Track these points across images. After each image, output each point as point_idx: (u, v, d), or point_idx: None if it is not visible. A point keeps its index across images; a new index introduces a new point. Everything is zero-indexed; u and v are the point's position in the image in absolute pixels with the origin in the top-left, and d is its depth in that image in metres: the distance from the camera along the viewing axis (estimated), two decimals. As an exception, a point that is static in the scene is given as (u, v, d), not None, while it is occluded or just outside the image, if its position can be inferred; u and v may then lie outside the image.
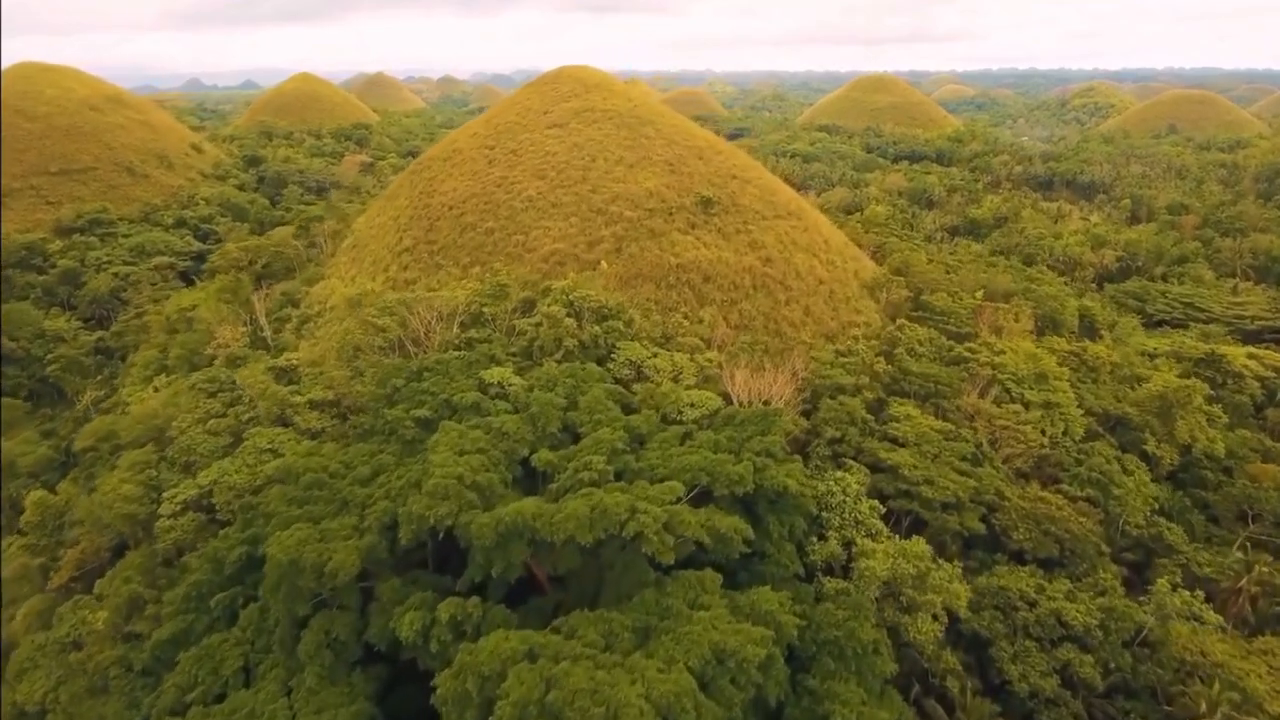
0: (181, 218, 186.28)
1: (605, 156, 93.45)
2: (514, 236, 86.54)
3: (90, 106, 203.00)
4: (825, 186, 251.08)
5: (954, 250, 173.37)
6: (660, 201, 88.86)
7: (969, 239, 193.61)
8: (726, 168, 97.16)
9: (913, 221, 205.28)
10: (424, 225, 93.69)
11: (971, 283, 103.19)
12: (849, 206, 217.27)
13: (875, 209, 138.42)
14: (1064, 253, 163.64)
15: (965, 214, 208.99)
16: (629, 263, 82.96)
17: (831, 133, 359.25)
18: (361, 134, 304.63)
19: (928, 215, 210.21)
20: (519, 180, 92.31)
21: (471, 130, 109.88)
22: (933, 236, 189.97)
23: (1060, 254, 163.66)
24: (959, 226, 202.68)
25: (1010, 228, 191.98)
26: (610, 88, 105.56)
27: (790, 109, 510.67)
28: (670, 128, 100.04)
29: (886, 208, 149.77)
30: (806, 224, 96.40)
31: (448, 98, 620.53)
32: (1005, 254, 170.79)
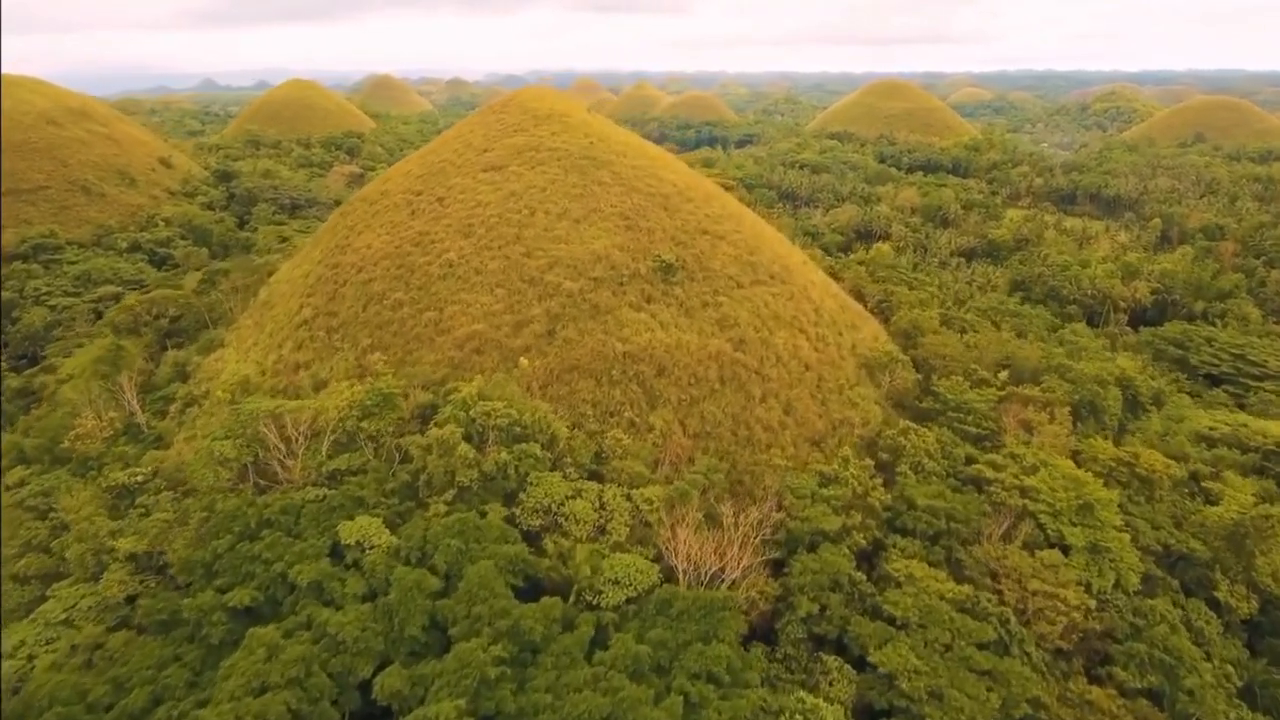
0: (136, 241, 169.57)
1: (547, 209, 75.05)
2: (425, 314, 68.34)
3: (48, 120, 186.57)
4: (833, 202, 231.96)
5: (970, 279, 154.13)
6: (609, 268, 70.35)
7: (987, 262, 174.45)
8: (697, 220, 78.37)
9: (926, 243, 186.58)
10: (328, 291, 75.72)
11: (993, 354, 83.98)
12: (858, 227, 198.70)
13: (881, 249, 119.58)
14: (1093, 285, 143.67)
15: (983, 234, 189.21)
16: (563, 351, 64.63)
17: (843, 141, 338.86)
18: (353, 143, 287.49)
19: (942, 235, 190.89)
20: (440, 238, 74.11)
21: (405, 168, 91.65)
22: (947, 263, 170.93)
23: (1089, 286, 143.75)
24: (976, 248, 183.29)
25: (1032, 252, 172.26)
26: (565, 119, 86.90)
27: (802, 113, 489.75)
28: (632, 169, 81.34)
29: (892, 248, 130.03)
30: (793, 288, 77.52)
31: (456, 100, 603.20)
32: (1028, 286, 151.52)
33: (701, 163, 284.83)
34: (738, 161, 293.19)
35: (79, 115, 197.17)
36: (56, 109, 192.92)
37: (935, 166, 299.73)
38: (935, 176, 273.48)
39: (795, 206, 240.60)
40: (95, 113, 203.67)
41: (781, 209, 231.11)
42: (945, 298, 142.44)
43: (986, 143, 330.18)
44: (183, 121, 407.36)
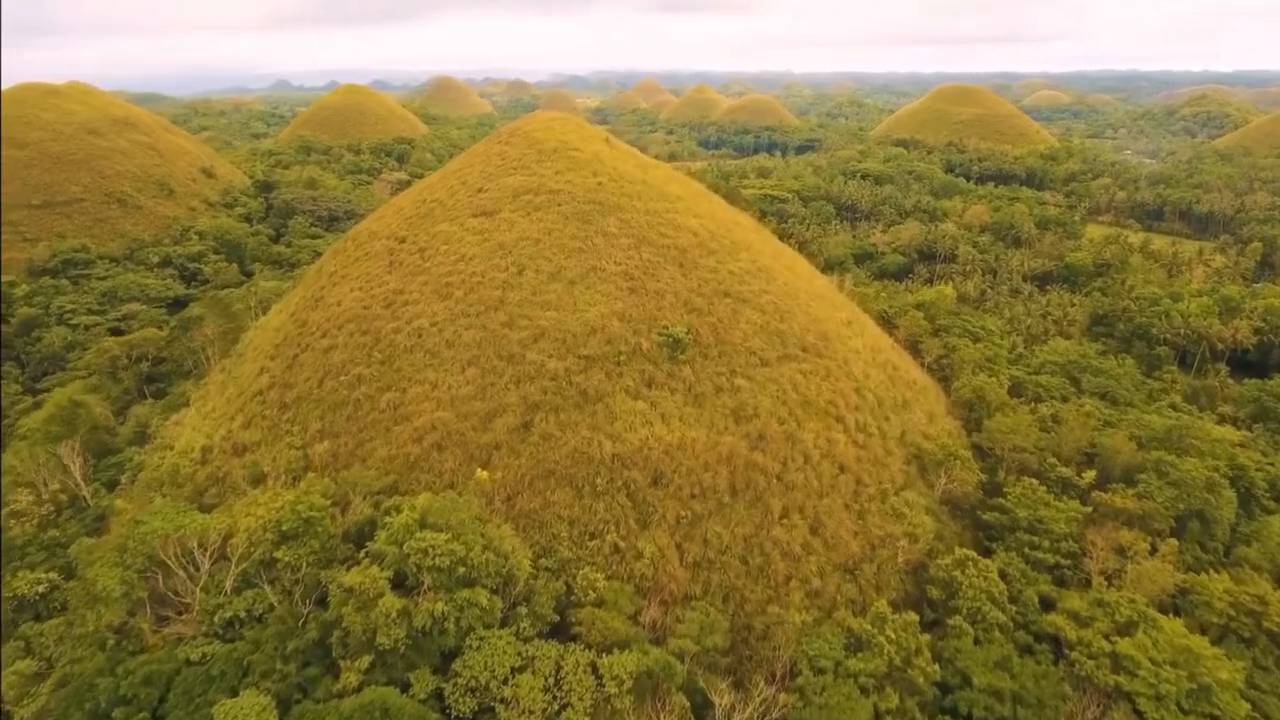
0: (168, 255, 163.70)
1: (538, 266, 62.83)
2: (385, 394, 56.95)
3: (90, 130, 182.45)
4: (895, 217, 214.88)
5: (1045, 311, 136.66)
6: (604, 342, 57.81)
7: (1064, 287, 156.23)
8: (718, 278, 65.12)
9: (996, 266, 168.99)
10: (289, 355, 65.00)
11: (1075, 440, 68.67)
12: (921, 247, 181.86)
13: (943, 291, 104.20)
14: (1185, 323, 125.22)
15: (1060, 255, 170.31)
16: (539, 450, 52.44)
17: (909, 148, 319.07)
18: (403, 149, 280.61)
19: (1014, 256, 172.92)
20: (414, 299, 62.60)
21: (399, 204, 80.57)
22: (1019, 290, 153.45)
23: (1181, 325, 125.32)
24: (1052, 272, 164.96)
25: (1115, 280, 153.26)
26: (573, 154, 74.27)
27: (868, 116, 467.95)
28: (645, 216, 68.45)
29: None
30: (831, 362, 63.74)
31: (516, 101, 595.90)
32: (1110, 322, 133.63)
33: (757, 172, 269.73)
34: (795, 170, 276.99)
35: (123, 125, 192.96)
36: (100, 119, 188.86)
37: (1007, 177, 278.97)
38: (1007, 188, 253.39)
39: (854, 220, 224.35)
40: (140, 122, 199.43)
41: (838, 225, 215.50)
42: (1016, 337, 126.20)
43: (1064, 151, 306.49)
44: (248, 124, 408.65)
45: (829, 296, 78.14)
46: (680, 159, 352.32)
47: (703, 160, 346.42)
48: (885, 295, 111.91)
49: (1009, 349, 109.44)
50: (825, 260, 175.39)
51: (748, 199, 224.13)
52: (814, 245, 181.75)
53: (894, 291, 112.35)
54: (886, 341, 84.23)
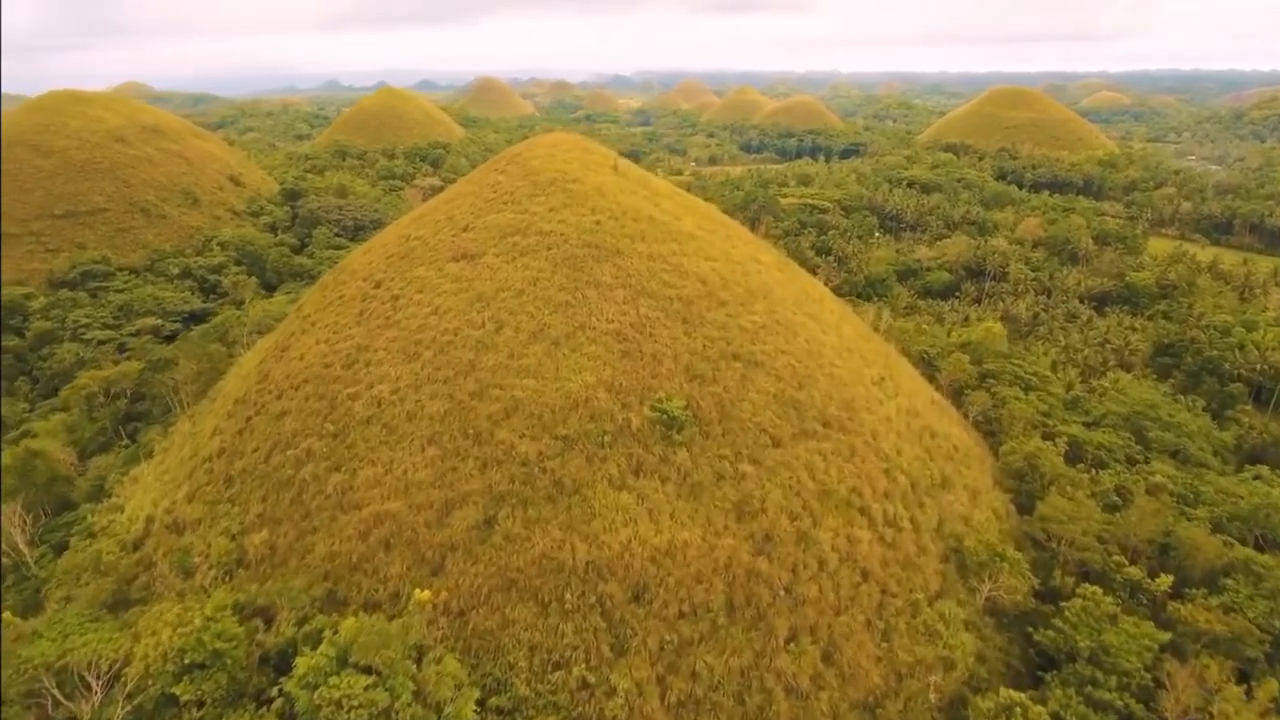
0: (188, 267, 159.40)
1: (519, 323, 54.34)
2: (334, 475, 48.99)
3: (117, 138, 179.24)
4: (942, 231, 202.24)
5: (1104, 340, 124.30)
6: (588, 419, 49.10)
7: (1124, 310, 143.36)
8: (728, 336, 55.90)
9: (1050, 285, 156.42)
10: (244, 416, 57.59)
11: (1147, 529, 57.86)
12: (969, 263, 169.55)
13: (992, 330, 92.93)
14: (1262, 358, 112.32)
15: (1120, 274, 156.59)
16: (500, 555, 43.96)
17: (959, 154, 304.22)
18: (437, 154, 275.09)
19: (1070, 275, 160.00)
20: (379, 358, 54.67)
21: (384, 239, 72.74)
22: (1076, 314, 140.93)
23: (1256, 359, 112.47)
24: (1110, 293, 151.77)
25: (1180, 304, 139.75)
26: (571, 187, 65.19)
27: (916, 119, 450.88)
28: (647, 261, 59.44)
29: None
30: (857, 438, 54.16)
31: (559, 102, 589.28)
32: (1176, 353, 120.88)
33: (797, 179, 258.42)
34: (838, 177, 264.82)
35: (151, 132, 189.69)
36: (128, 126, 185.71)
37: (1063, 185, 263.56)
38: (1062, 197, 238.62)
39: (898, 231, 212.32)
40: (169, 129, 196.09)
41: (881, 237, 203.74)
42: (1072, 370, 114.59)
43: (1124, 158, 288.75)
44: (293, 125, 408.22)
45: (860, 347, 68.18)
46: (720, 162, 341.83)
47: (743, 164, 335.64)
48: (926, 334, 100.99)
49: (1064, 387, 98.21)
50: (866, 277, 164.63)
51: (786, 207, 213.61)
52: (854, 261, 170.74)
53: (937, 328, 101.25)
54: (926, 394, 74.01)
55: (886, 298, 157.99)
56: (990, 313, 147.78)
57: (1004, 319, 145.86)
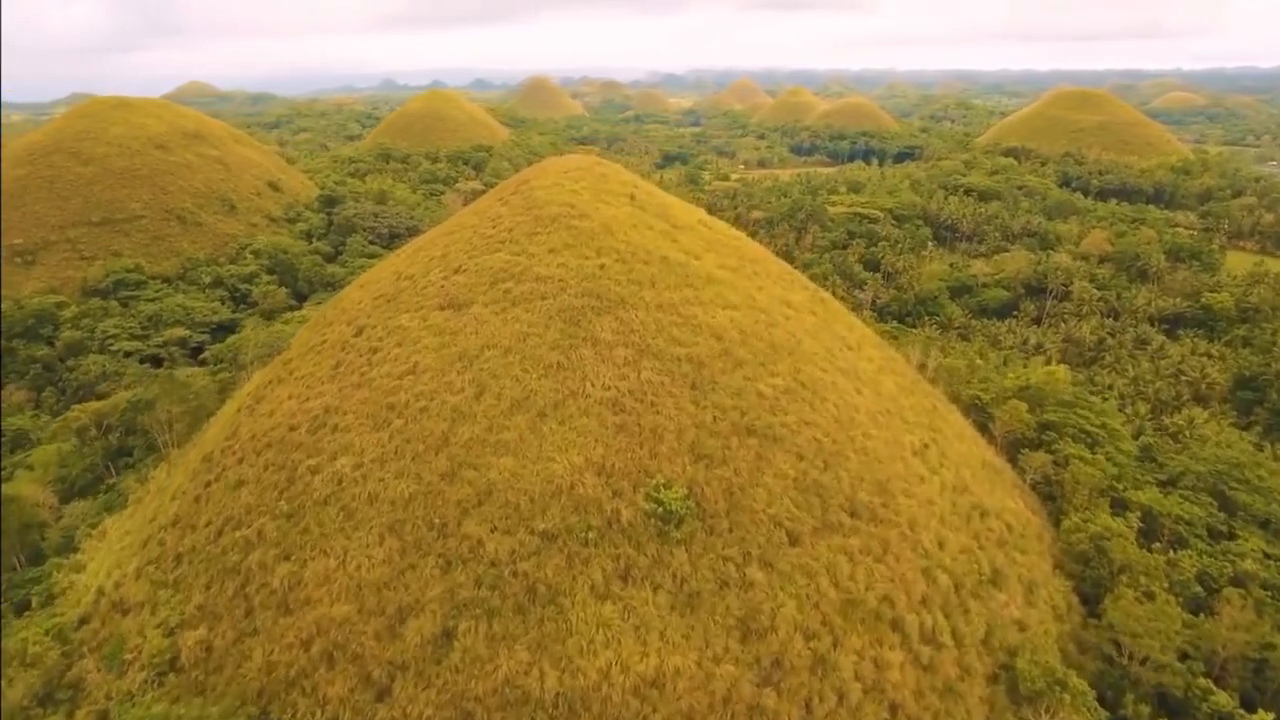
0: (220, 276, 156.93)
1: (502, 388, 47.22)
2: (283, 565, 42.62)
3: (157, 145, 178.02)
4: (1000, 242, 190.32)
5: (1177, 371, 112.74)
6: (572, 509, 41.78)
7: (1200, 334, 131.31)
8: (742, 407, 47.93)
9: (1117, 305, 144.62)
10: (204, 480, 51.77)
11: (1237, 644, 48.26)
12: (1029, 280, 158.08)
13: (1055, 374, 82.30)
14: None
15: (1195, 293, 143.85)
16: (457, 680, 36.93)
17: (1020, 158, 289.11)
18: (480, 157, 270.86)
19: (1139, 294, 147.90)
20: (346, 424, 48.20)
21: (378, 277, 66.24)
22: (1146, 341, 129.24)
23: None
24: (1184, 315, 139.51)
25: (1264, 330, 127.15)
26: (576, 225, 57.23)
27: (975, 120, 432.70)
28: (655, 312, 51.67)
29: (1068, 370, 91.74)
30: (891, 531, 45.81)
31: (609, 102, 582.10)
32: (1260, 387, 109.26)
33: (848, 185, 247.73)
34: (891, 183, 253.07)
35: (192, 138, 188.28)
36: (170, 133, 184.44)
37: (1132, 192, 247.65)
38: (1131, 206, 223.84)
39: (953, 241, 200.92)
40: (210, 135, 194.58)
41: (934, 249, 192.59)
42: (1142, 406, 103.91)
43: (1198, 164, 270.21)
44: (345, 125, 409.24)
45: (901, 405, 59.47)
46: (769, 165, 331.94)
47: (793, 167, 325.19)
48: (980, 370, 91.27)
49: (1134, 433, 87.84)
50: (916, 294, 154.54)
51: (834, 216, 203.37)
52: (904, 277, 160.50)
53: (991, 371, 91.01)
54: (976, 457, 64.93)
55: (938, 316, 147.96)
56: (1051, 334, 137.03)
57: (1066, 342, 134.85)
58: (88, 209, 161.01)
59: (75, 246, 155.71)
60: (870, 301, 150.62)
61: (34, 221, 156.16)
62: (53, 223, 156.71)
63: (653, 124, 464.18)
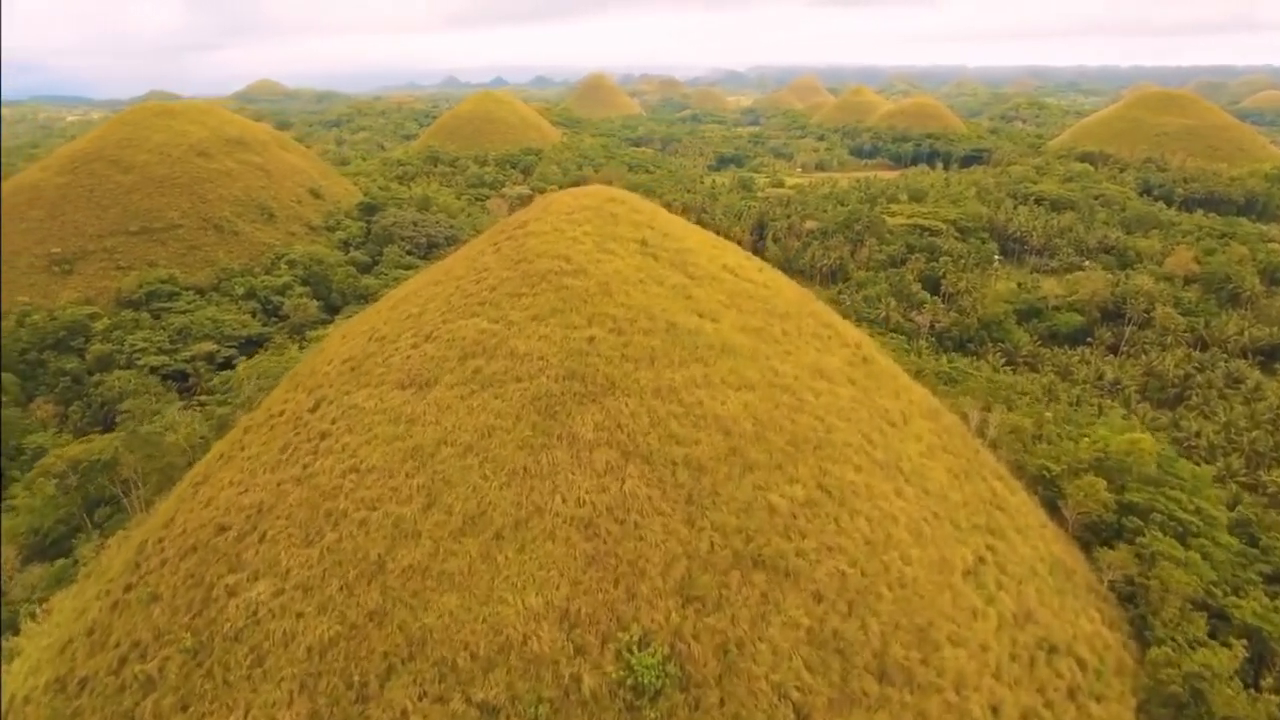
0: (252, 288, 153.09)
1: (454, 500, 38.64)
2: (177, 717, 35.13)
3: (199, 152, 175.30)
4: (1073, 260, 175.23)
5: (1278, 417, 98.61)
6: (522, 672, 32.70)
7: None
8: (749, 529, 38.18)
9: (1205, 335, 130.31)
10: (125, 583, 44.64)
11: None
12: (1104, 304, 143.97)
13: (1138, 441, 69.62)
14: None
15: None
16: None
17: (1096, 164, 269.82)
18: (529, 161, 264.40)
19: (1230, 321, 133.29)
20: (275, 530, 40.21)
21: (358, 329, 58.42)
22: (1238, 380, 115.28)
23: None
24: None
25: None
26: (570, 281, 48.14)
27: (1049, 120, 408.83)
28: (651, 398, 42.03)
29: (1151, 440, 78.73)
30: (932, 701, 35.65)
31: (667, 100, 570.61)
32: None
33: (909, 193, 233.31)
34: (956, 190, 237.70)
35: (234, 145, 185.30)
36: (212, 139, 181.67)
37: (1220, 202, 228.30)
38: (1221, 218, 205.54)
39: (1021, 255, 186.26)
40: (254, 141, 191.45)
41: (1001, 265, 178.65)
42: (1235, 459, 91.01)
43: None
44: (403, 125, 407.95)
45: (951, 504, 48.96)
46: (828, 168, 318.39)
47: (853, 170, 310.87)
48: (1047, 435, 79.16)
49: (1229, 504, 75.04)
50: (979, 318, 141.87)
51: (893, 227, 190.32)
52: (966, 298, 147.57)
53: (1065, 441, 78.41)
54: (1045, 556, 54.01)
55: (1004, 343, 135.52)
56: (1130, 367, 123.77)
57: (1147, 376, 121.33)
58: (126, 218, 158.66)
59: (112, 256, 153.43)
60: (929, 325, 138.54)
61: (73, 230, 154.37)
62: (91, 232, 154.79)
63: (710, 124, 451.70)
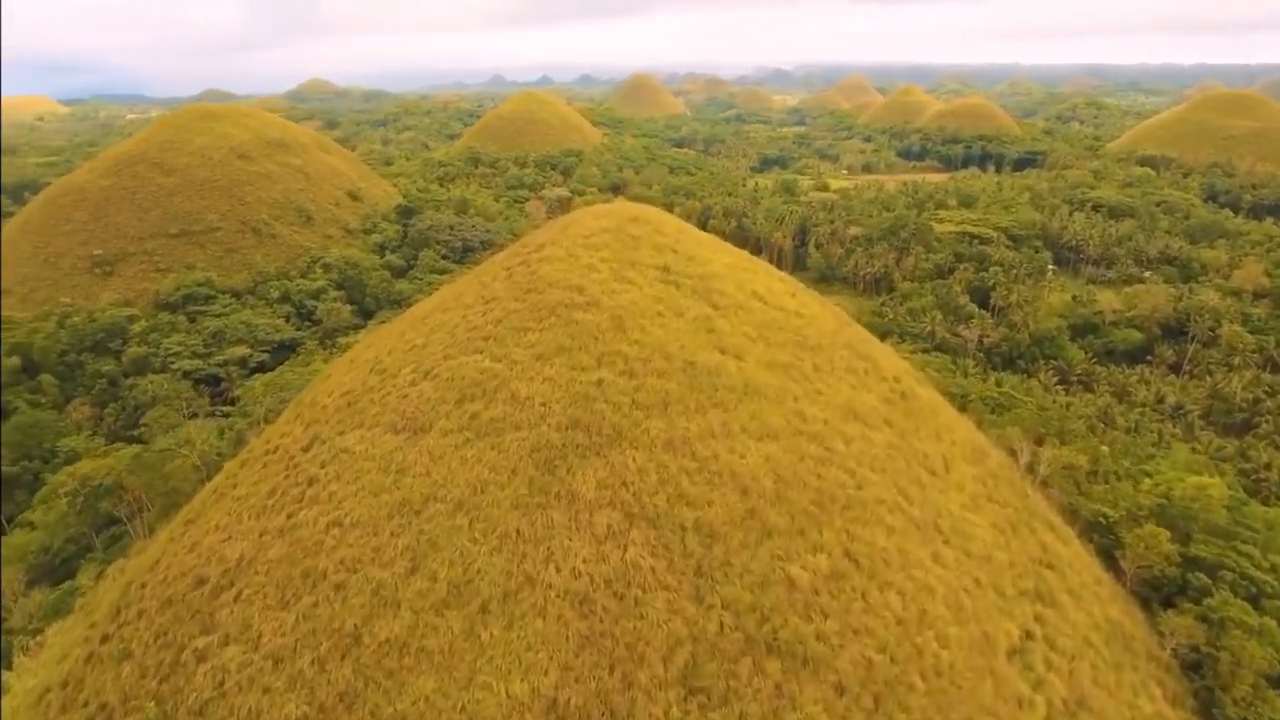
0: (287, 291, 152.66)
1: (439, 565, 34.61)
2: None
3: (240, 155, 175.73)
4: (1132, 272, 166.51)
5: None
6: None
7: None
8: (764, 606, 33.53)
9: (1277, 355, 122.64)
10: (102, 634, 42.07)
11: None
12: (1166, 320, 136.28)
13: (1205, 486, 62.59)
14: None
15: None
16: None
17: (1159, 168, 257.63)
18: (570, 162, 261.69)
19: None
20: (251, 589, 36.94)
21: (361, 356, 55.36)
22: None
23: None
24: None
25: None
26: (580, 316, 44.16)
27: (1108, 121, 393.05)
28: (661, 452, 37.96)
29: (1223, 477, 71.91)
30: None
31: (712, 100, 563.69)
32: None
33: (959, 198, 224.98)
34: (1008, 195, 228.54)
35: (275, 147, 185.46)
36: (253, 142, 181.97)
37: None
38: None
39: (1076, 264, 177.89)
40: (294, 143, 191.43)
41: (1055, 275, 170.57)
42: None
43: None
44: (448, 124, 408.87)
45: (994, 571, 43.97)
46: (875, 171, 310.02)
47: (901, 173, 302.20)
48: (1103, 471, 72.85)
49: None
50: (1031, 334, 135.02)
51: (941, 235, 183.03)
52: (1016, 312, 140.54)
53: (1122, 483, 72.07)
54: (1098, 620, 48.72)
55: (1057, 360, 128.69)
56: (1194, 389, 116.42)
57: (1212, 400, 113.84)
58: (166, 220, 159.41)
59: (152, 258, 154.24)
60: (976, 341, 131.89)
61: (114, 232, 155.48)
62: (132, 234, 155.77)
63: (754, 124, 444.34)
